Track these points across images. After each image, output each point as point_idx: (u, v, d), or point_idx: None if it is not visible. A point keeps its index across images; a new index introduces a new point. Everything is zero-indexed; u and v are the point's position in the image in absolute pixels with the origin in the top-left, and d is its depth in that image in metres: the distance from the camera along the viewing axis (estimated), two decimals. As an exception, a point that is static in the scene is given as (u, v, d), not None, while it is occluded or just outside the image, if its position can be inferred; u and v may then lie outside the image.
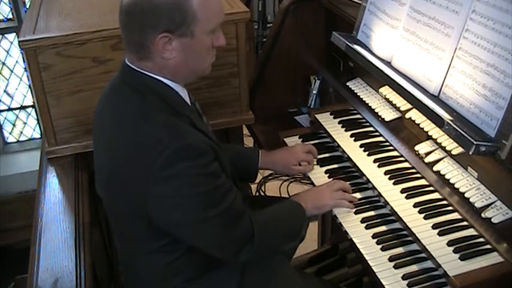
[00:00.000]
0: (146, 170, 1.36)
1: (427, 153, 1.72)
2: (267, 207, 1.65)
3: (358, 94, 2.11)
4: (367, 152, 1.88)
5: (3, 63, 5.16)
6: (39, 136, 5.34)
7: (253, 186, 3.56)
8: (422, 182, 1.70)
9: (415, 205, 1.61)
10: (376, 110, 2.00)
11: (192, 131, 1.42)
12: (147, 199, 1.38)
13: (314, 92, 2.41)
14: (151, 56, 1.42)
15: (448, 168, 1.64)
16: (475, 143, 1.42)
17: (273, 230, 1.61)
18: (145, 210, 1.40)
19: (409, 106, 1.81)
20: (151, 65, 1.44)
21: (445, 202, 1.60)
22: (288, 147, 2.00)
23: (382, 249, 1.54)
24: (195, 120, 1.47)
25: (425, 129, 1.73)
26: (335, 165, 1.93)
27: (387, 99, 1.95)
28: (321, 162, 1.94)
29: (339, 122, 2.07)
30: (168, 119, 1.40)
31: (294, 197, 1.77)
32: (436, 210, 1.58)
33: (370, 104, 2.03)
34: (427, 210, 1.58)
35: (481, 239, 1.46)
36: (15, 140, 5.43)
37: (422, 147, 1.74)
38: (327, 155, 1.98)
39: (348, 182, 1.82)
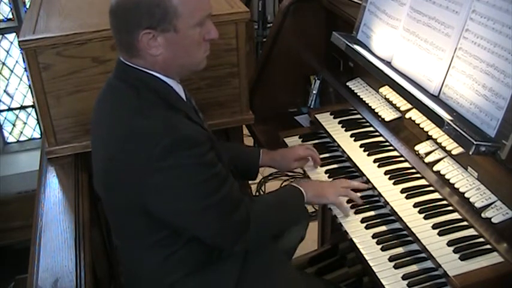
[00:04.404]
0: (142, 162, 1.37)
1: (427, 153, 1.72)
2: (265, 193, 1.67)
3: (358, 94, 2.11)
4: (367, 152, 1.88)
5: (3, 63, 5.16)
6: (39, 136, 5.35)
7: (253, 186, 3.55)
8: (422, 182, 1.70)
9: (415, 205, 1.61)
10: (376, 110, 2.00)
11: (187, 122, 1.44)
12: (145, 190, 1.40)
13: (314, 92, 2.41)
14: (141, 54, 1.44)
15: (448, 168, 1.64)
16: (475, 143, 1.42)
17: (269, 217, 1.62)
18: (143, 202, 1.42)
19: (409, 106, 1.81)
20: (143, 62, 1.46)
21: (445, 202, 1.60)
22: (288, 147, 2.02)
23: (382, 249, 1.54)
24: (191, 115, 1.49)
25: (425, 129, 1.73)
26: (335, 165, 1.93)
27: (387, 99, 1.95)
28: (321, 162, 1.94)
29: (339, 122, 2.07)
30: (163, 112, 1.42)
31: (296, 182, 1.76)
32: (436, 210, 1.58)
33: (370, 104, 2.03)
34: (427, 210, 1.58)
35: (481, 239, 1.46)
36: (15, 140, 5.44)
37: (422, 147, 1.74)
38: (327, 155, 1.98)
39: (348, 182, 1.82)
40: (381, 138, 1.93)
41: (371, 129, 1.99)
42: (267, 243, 1.70)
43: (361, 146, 1.92)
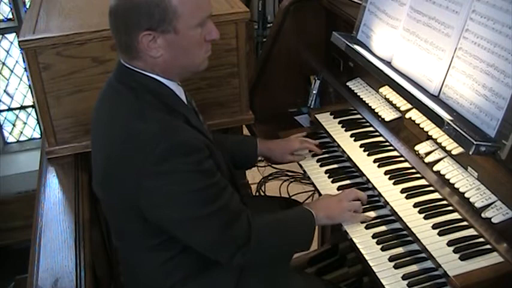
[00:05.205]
0: (139, 165, 1.36)
1: (427, 153, 1.72)
2: (274, 211, 1.63)
3: (358, 94, 2.11)
4: (367, 152, 1.88)
5: (3, 63, 5.17)
6: (39, 136, 5.35)
7: (253, 186, 3.55)
8: (422, 182, 1.70)
9: (415, 205, 1.61)
10: (376, 110, 1.99)
11: (186, 128, 1.42)
12: (140, 195, 1.38)
13: (314, 92, 2.41)
14: (141, 56, 1.43)
15: (448, 168, 1.64)
16: (475, 143, 1.42)
17: (274, 235, 1.56)
18: (138, 206, 1.40)
19: (409, 106, 1.81)
20: (143, 64, 1.45)
21: (445, 202, 1.60)
22: (285, 138, 2.03)
23: (382, 249, 1.54)
24: (190, 118, 1.47)
25: (425, 129, 1.73)
26: (335, 165, 1.93)
27: (387, 99, 1.95)
28: (321, 162, 1.95)
29: (339, 122, 2.07)
30: (162, 116, 1.41)
31: (307, 204, 1.71)
32: (436, 210, 1.58)
33: (370, 104, 2.03)
34: (427, 210, 1.58)
35: (481, 239, 1.46)
36: (15, 140, 5.44)
37: (422, 147, 1.74)
38: (327, 155, 1.98)
39: (348, 182, 1.82)
40: (381, 138, 1.93)
41: (371, 129, 1.99)
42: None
43: (361, 146, 1.92)
